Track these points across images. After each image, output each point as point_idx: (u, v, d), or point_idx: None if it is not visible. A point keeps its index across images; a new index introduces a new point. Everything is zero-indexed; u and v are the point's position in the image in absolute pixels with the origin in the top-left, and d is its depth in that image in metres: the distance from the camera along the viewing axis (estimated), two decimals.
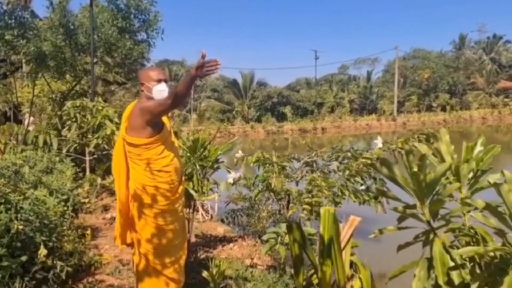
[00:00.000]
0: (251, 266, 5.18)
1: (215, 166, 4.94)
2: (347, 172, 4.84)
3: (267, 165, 4.94)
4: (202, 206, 7.45)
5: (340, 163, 5.88)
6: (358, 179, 4.67)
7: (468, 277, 1.65)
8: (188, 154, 4.75)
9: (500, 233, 1.60)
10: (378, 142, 4.44)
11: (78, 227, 4.54)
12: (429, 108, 51.55)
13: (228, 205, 6.66)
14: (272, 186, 4.71)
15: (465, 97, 54.20)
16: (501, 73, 63.93)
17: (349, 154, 5.47)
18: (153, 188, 3.25)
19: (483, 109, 50.38)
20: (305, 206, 4.46)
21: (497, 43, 71.53)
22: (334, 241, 2.62)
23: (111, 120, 7.40)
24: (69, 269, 3.24)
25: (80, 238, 4.43)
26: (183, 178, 3.64)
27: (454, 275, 1.66)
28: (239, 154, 5.36)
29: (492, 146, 1.92)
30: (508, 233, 1.60)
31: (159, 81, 3.23)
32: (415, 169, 1.70)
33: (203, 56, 2.70)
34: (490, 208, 1.55)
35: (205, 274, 4.19)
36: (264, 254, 3.91)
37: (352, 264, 2.83)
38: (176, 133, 7.27)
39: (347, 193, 4.50)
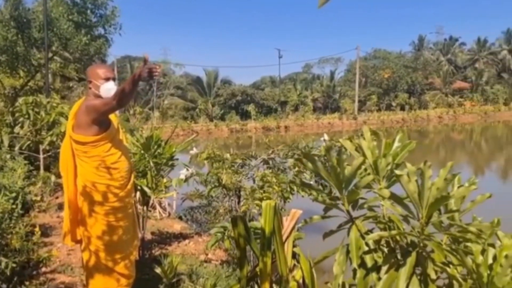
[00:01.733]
0: (206, 261, 5.29)
1: (170, 163, 5.00)
2: (296, 168, 5.03)
3: (218, 162, 5.05)
4: (160, 203, 7.48)
5: (296, 160, 6.06)
6: (306, 174, 4.87)
7: (380, 260, 1.82)
8: (142, 151, 4.79)
9: (405, 219, 1.79)
10: (324, 139, 4.64)
11: (27, 225, 4.50)
12: (389, 107, 53.00)
13: (184, 202, 6.73)
14: (223, 182, 4.82)
15: (423, 97, 56.02)
16: (456, 74, 66.49)
17: (302, 152, 5.65)
18: (103, 185, 3.29)
19: (440, 109, 52.28)
20: (257, 202, 4.61)
21: (453, 45, 74.34)
22: (276, 233, 2.76)
23: (66, 117, 7.31)
24: (14, 265, 3.24)
25: (28, 235, 4.40)
26: (134, 175, 3.71)
27: (367, 258, 1.83)
28: (194, 151, 5.44)
29: (408, 142, 2.10)
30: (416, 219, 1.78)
31: (107, 79, 3.27)
32: (335, 163, 1.85)
33: (145, 61, 2.79)
34: (394, 197, 1.72)
35: (158, 270, 4.27)
36: (209, 248, 4.02)
37: (295, 255, 2.99)
38: (132, 131, 7.27)
39: (295, 188, 4.67)
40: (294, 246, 3.02)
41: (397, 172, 1.76)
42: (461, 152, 24.06)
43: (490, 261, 1.65)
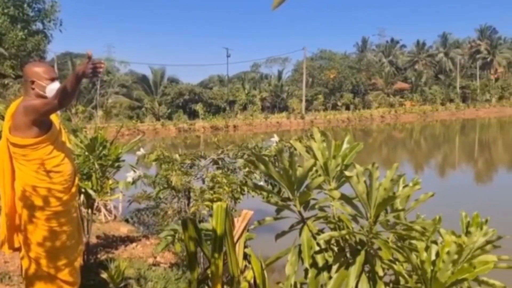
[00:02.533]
0: (154, 264, 5.18)
1: (116, 165, 4.85)
2: (247, 168, 5.04)
3: (168, 163, 4.96)
4: (105, 206, 7.25)
5: (245, 160, 6.07)
6: (256, 175, 4.89)
7: (331, 259, 1.86)
8: (86, 153, 4.61)
9: (354, 218, 1.84)
10: (274, 140, 4.68)
11: None
12: (335, 107, 54.45)
13: (131, 205, 6.56)
14: (173, 183, 4.74)
15: (366, 97, 58.02)
16: (397, 75, 69.48)
17: (252, 152, 5.66)
18: (44, 189, 3.13)
19: (382, 108, 54.37)
20: (207, 203, 4.57)
21: (395, 47, 77.62)
22: (227, 234, 2.75)
23: (2, 118, 6.89)
24: None
25: None
26: (78, 177, 3.56)
27: (318, 258, 1.86)
28: (141, 152, 5.31)
29: (356, 144, 2.16)
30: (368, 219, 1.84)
31: (52, 79, 3.12)
32: (287, 165, 1.87)
33: (89, 57, 2.68)
34: (344, 198, 1.77)
35: (104, 275, 4.13)
36: (159, 251, 3.95)
37: (246, 256, 2.99)
38: (76, 131, 6.98)
39: (246, 189, 4.68)
40: (245, 247, 3.02)
41: (347, 173, 1.80)
42: (403, 150, 25.17)
43: (433, 257, 1.73)
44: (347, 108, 53.84)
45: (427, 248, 1.78)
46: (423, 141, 30.65)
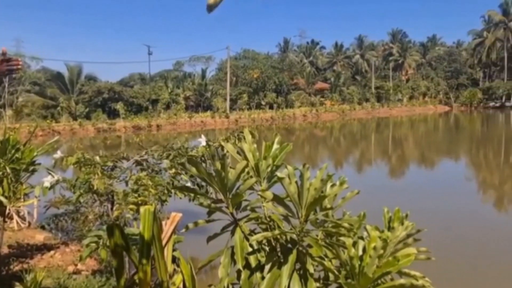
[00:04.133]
0: (75, 273, 4.91)
1: (31, 168, 4.52)
2: (173, 170, 4.94)
3: (89, 165, 4.71)
4: (18, 212, 6.74)
5: (171, 161, 5.93)
6: (183, 176, 4.81)
7: (263, 260, 1.88)
8: None
9: (285, 218, 1.87)
10: (202, 141, 4.63)
11: None
12: (259, 106, 55.27)
13: (48, 210, 6.15)
14: (95, 187, 4.52)
15: (289, 96, 59.55)
16: (318, 75, 72.20)
17: (178, 152, 5.56)
18: None
19: (304, 107, 56.20)
20: (131, 206, 4.41)
21: (315, 48, 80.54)
22: (155, 239, 2.66)
23: None
24: None
25: None
26: None
27: (251, 258, 1.87)
28: (58, 154, 4.99)
29: (286, 144, 2.20)
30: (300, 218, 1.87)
31: None
32: (218, 167, 1.85)
33: (3, 54, 2.48)
34: (276, 198, 1.79)
35: (19, 287, 3.83)
36: (83, 259, 3.75)
37: (175, 259, 2.93)
38: None
39: (173, 190, 4.58)
40: (174, 250, 2.95)
41: (279, 174, 1.83)
42: (324, 148, 26.17)
43: (360, 252, 1.81)
44: (271, 107, 54.91)
45: (354, 244, 1.85)
46: (342, 138, 32.11)
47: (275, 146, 2.17)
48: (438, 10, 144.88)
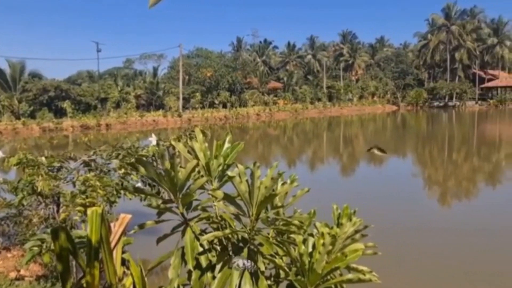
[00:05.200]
0: (18, 279, 4.68)
1: None
2: (123, 170, 4.82)
3: (32, 166, 4.50)
4: None
5: (121, 161, 5.78)
6: (133, 176, 4.70)
7: (215, 259, 1.87)
8: None
9: (236, 217, 1.87)
10: (152, 140, 4.54)
11: None
12: (212, 105, 54.97)
13: None
14: (39, 189, 4.32)
15: (242, 95, 59.60)
16: (271, 75, 72.78)
17: (128, 152, 5.42)
18: None
19: (258, 107, 56.45)
20: (79, 208, 4.25)
21: (267, 47, 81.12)
22: (103, 241, 2.59)
23: None
24: None
25: None
26: None
27: (202, 258, 1.86)
28: None
29: (237, 143, 2.20)
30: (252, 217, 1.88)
31: None
32: (168, 166, 1.82)
33: None
34: (227, 197, 1.78)
35: None
36: (24, 264, 3.58)
37: (125, 262, 2.85)
38: None
39: (122, 191, 4.47)
40: (123, 252, 2.88)
41: (230, 173, 1.82)
42: (278, 146, 26.43)
43: (310, 249, 1.83)
44: (224, 106, 54.77)
45: (304, 241, 1.88)
46: (295, 137, 32.56)
47: (226, 145, 2.17)
48: (385, 13, 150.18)
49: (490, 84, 71.65)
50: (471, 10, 72.93)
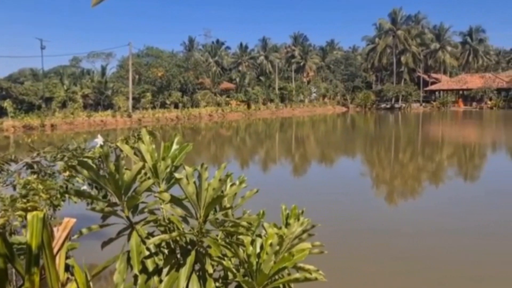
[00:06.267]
0: None
1: None
2: (67, 172, 4.64)
3: None
4: None
5: (66, 163, 5.56)
6: (78, 179, 4.54)
7: (161, 263, 1.83)
8: None
9: (184, 219, 1.85)
10: (99, 141, 4.40)
11: None
12: (163, 105, 54.13)
13: None
14: None
15: (195, 96, 59.11)
16: (223, 75, 72.70)
17: (73, 154, 5.23)
18: None
19: (210, 107, 56.19)
20: (19, 213, 4.04)
21: (220, 48, 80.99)
22: (45, 246, 2.48)
23: None
24: None
25: None
26: None
27: (148, 262, 1.82)
28: None
29: (186, 144, 2.18)
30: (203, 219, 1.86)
31: None
32: (112, 168, 1.77)
33: None
34: (174, 199, 1.76)
35: None
36: None
37: (69, 267, 2.75)
38: None
39: (67, 195, 4.30)
40: (67, 257, 2.78)
41: (177, 175, 1.79)
42: (230, 147, 26.41)
43: (258, 250, 1.84)
44: (176, 107, 54.09)
45: (253, 242, 1.89)
46: (248, 138, 32.68)
47: (175, 146, 2.14)
48: (335, 17, 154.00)
49: (433, 87, 75.24)
50: (415, 16, 76.30)
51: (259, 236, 1.93)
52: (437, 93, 76.12)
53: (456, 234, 7.91)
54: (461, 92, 72.93)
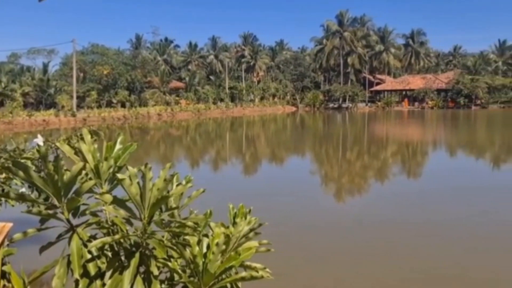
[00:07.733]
0: None
1: None
2: (4, 174, 4.39)
3: None
4: None
5: (2, 164, 5.26)
6: (16, 181, 4.31)
7: (104, 266, 1.78)
8: None
9: (128, 221, 1.80)
10: (39, 141, 4.20)
11: None
12: (110, 104, 52.61)
13: None
14: None
15: (143, 95, 57.90)
16: (173, 74, 71.69)
17: (10, 155, 4.96)
18: None
19: (159, 106, 55.23)
20: None
21: (169, 46, 79.78)
22: None
23: None
24: None
25: None
26: None
27: (90, 266, 1.76)
28: None
29: (130, 144, 2.12)
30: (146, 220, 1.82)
31: None
32: (51, 170, 1.70)
33: None
34: (116, 201, 1.71)
35: None
36: None
37: (5, 274, 2.61)
38: None
39: (4, 198, 4.07)
40: (3, 264, 2.64)
41: (119, 176, 1.75)
42: (180, 147, 26.07)
43: (204, 250, 1.83)
44: (123, 106, 52.72)
45: (199, 242, 1.87)
46: (198, 137, 32.41)
47: (118, 146, 2.08)
48: (284, 17, 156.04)
49: (378, 87, 78.06)
50: (361, 18, 78.77)
51: (206, 236, 1.92)
52: (381, 93, 79.03)
53: (397, 226, 8.26)
54: (404, 92, 76.15)
